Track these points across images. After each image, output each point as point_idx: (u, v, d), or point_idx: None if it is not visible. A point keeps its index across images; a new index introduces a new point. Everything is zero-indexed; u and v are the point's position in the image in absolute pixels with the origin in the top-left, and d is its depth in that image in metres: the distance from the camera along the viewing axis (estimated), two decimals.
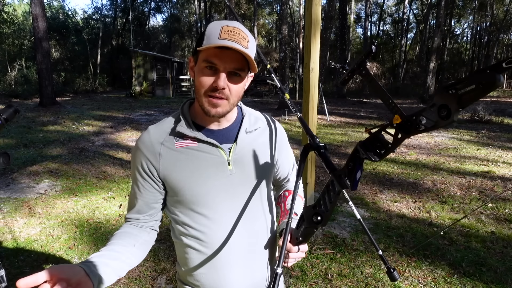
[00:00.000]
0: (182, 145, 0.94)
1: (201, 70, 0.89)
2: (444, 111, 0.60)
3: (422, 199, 4.47)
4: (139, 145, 0.96)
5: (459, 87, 0.58)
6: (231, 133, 1.00)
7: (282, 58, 16.02)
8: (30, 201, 4.30)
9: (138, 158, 0.96)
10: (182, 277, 1.06)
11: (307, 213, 0.89)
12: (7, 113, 1.61)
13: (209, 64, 0.87)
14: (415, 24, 36.79)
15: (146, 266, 2.91)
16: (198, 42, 0.90)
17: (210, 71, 0.88)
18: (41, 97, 13.28)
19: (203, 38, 0.87)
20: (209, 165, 0.95)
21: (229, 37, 0.85)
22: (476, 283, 2.65)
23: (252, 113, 1.09)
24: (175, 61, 22.97)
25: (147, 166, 0.95)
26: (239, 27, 0.88)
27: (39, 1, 12.36)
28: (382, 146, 0.74)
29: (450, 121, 0.60)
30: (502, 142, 8.00)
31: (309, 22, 3.34)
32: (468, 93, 0.57)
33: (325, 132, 9.76)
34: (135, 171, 0.97)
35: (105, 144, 7.72)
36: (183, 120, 0.95)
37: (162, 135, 0.96)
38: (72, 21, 30.86)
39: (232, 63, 0.87)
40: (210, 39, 0.85)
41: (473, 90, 0.56)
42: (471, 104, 0.58)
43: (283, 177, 1.20)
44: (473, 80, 0.56)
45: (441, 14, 17.11)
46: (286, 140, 1.17)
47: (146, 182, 0.97)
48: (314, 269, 2.85)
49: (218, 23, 0.88)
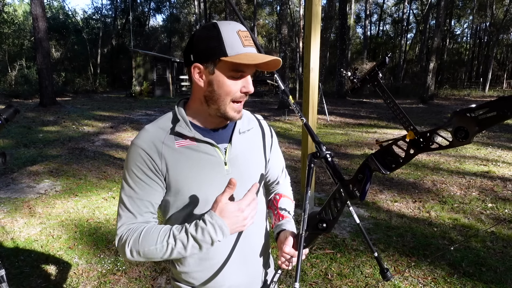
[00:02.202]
0: (182, 145, 0.94)
1: (229, 77, 0.89)
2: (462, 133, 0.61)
3: (422, 199, 4.47)
4: (139, 144, 0.93)
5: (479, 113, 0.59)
6: (226, 134, 1.01)
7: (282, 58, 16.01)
8: (30, 201, 4.30)
9: (139, 157, 0.92)
10: (176, 275, 1.06)
11: (312, 220, 0.89)
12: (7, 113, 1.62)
13: (239, 73, 0.89)
14: (415, 24, 36.79)
15: (146, 266, 2.91)
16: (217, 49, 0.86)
17: (237, 78, 0.89)
18: (41, 97, 13.29)
19: (223, 46, 0.85)
20: (207, 164, 0.96)
21: (249, 43, 0.88)
22: (476, 283, 2.65)
23: (245, 114, 1.09)
24: (175, 61, 22.97)
25: (152, 164, 0.92)
26: (245, 29, 0.90)
27: (39, 1, 12.37)
28: (393, 160, 0.74)
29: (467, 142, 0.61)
30: (502, 142, 8.00)
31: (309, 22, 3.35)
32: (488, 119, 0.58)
33: (325, 132, 9.76)
34: (136, 170, 0.93)
35: (105, 144, 7.72)
36: (182, 120, 0.95)
37: (162, 134, 0.94)
38: (72, 21, 30.86)
39: (254, 68, 0.91)
40: (236, 48, 0.85)
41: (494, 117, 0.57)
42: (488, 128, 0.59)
43: (273, 179, 1.19)
44: (496, 108, 0.56)
45: (441, 14, 17.11)
46: (277, 142, 1.18)
47: (151, 180, 0.94)
48: (314, 269, 2.85)
49: (231, 28, 0.87)
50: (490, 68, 25.57)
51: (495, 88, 26.66)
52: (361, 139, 8.71)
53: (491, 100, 0.56)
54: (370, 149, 7.37)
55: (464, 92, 24.03)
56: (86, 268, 2.89)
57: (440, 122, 11.20)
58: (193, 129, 0.95)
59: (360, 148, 7.59)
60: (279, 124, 10.94)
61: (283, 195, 1.17)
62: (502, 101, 0.55)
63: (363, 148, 7.60)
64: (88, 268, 2.89)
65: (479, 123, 0.58)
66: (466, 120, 0.60)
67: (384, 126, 10.71)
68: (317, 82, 3.46)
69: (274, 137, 1.17)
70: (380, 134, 9.45)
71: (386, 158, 0.74)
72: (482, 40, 33.76)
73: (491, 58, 26.34)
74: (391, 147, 0.74)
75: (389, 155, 0.74)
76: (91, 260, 3.01)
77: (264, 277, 1.13)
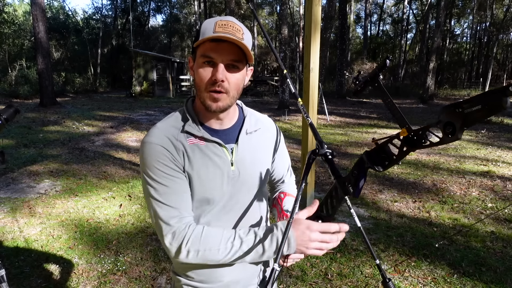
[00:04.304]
0: (193, 142, 0.94)
1: (199, 66, 0.89)
2: (449, 128, 0.62)
3: (422, 199, 4.47)
4: (155, 141, 0.91)
5: (465, 107, 0.59)
6: (232, 134, 1.01)
7: (282, 58, 16.03)
8: (31, 201, 4.30)
9: (159, 154, 0.90)
10: (177, 269, 1.07)
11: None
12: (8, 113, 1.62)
13: (206, 59, 0.88)
14: (414, 24, 36.80)
15: (146, 266, 2.92)
16: (195, 40, 0.91)
17: (208, 65, 0.88)
18: (41, 97, 13.30)
19: (199, 35, 0.89)
20: (216, 164, 0.96)
21: (223, 30, 0.85)
22: (476, 283, 2.66)
23: (253, 114, 1.10)
24: (175, 61, 22.99)
25: (172, 158, 0.91)
26: (233, 20, 0.89)
27: (39, 2, 12.38)
28: (387, 157, 0.75)
29: (454, 138, 0.61)
30: (502, 142, 8.00)
31: (309, 22, 3.35)
32: (474, 113, 0.58)
33: (325, 132, 9.76)
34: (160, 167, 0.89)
35: (105, 144, 7.72)
36: (190, 119, 0.95)
37: (174, 132, 0.94)
38: (72, 21, 30.88)
39: (229, 55, 0.88)
40: (205, 34, 0.86)
41: (479, 111, 0.57)
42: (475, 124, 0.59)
43: (277, 178, 1.20)
44: (480, 101, 0.57)
45: (441, 14, 17.11)
46: (283, 142, 1.19)
47: (177, 173, 0.91)
48: (314, 269, 2.85)
49: (212, 19, 0.89)
50: (490, 68, 25.55)
51: None
52: (361, 139, 8.71)
53: (477, 94, 0.57)
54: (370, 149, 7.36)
55: (464, 92, 24.01)
56: (86, 268, 2.89)
57: None
58: (202, 129, 0.95)
59: (360, 148, 7.59)
60: (279, 124, 10.94)
61: (288, 194, 1.18)
62: (486, 95, 0.56)
63: (363, 148, 7.60)
64: (88, 268, 2.89)
65: (465, 118, 0.59)
66: (454, 115, 0.61)
67: (384, 126, 10.71)
68: (317, 82, 3.46)
69: (282, 138, 1.17)
70: (380, 134, 9.44)
71: (380, 156, 0.76)
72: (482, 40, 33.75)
73: (491, 58, 26.33)
74: (386, 145, 0.75)
75: (383, 152, 0.75)
76: (91, 260, 3.02)
77: (263, 273, 1.14)
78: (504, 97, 0.54)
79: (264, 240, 0.85)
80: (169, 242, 0.88)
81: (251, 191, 1.04)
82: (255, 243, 0.85)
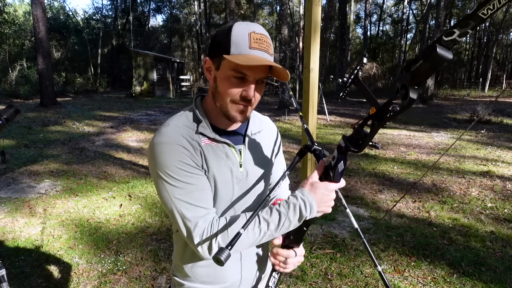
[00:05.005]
0: (206, 143, 0.94)
1: (227, 77, 0.86)
2: (403, 91, 0.65)
3: (421, 198, 4.47)
4: (171, 140, 0.88)
5: (411, 66, 0.63)
6: (239, 135, 1.02)
7: (282, 58, 16.03)
8: (31, 201, 4.31)
9: (178, 153, 0.87)
10: (178, 272, 1.07)
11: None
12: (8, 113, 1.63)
13: (239, 74, 0.85)
14: (414, 24, 36.78)
15: (146, 266, 2.92)
16: (222, 45, 0.85)
17: (238, 80, 0.86)
18: (41, 97, 13.30)
19: (229, 43, 0.83)
20: (227, 165, 0.96)
21: (259, 46, 0.84)
22: (476, 283, 2.66)
23: (256, 115, 1.10)
24: (175, 61, 23.00)
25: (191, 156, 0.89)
26: (265, 34, 0.87)
27: (39, 2, 12.38)
28: (361, 138, 0.81)
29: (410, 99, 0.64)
30: (502, 142, 8.00)
31: (309, 22, 3.35)
32: (419, 69, 0.61)
33: (325, 132, 9.77)
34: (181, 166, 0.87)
35: (106, 144, 7.73)
36: (203, 121, 0.94)
37: (190, 132, 0.92)
38: (72, 22, 30.86)
39: (262, 73, 0.87)
40: (239, 47, 0.83)
41: (422, 65, 0.61)
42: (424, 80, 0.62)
43: (274, 182, 1.20)
44: (421, 56, 0.61)
45: (440, 14, 17.11)
46: (281, 145, 1.20)
47: (198, 170, 0.90)
48: (314, 269, 2.86)
49: (245, 28, 0.85)
50: (489, 68, 25.56)
51: (494, 88, 26.62)
52: None
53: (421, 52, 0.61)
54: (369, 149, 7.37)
55: (463, 92, 24.01)
56: (87, 268, 2.89)
57: (440, 122, 11.21)
58: (213, 131, 0.95)
59: None
60: (279, 124, 10.95)
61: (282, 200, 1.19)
62: (425, 48, 0.60)
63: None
64: (89, 268, 2.89)
65: (412, 76, 0.62)
66: (404, 77, 0.64)
67: (384, 126, 10.69)
68: (317, 82, 3.46)
69: (279, 139, 1.18)
70: (380, 134, 9.44)
71: (357, 138, 0.82)
72: (482, 40, 33.76)
73: (491, 58, 26.34)
74: (361, 128, 0.81)
75: (359, 134, 0.81)
76: (92, 260, 3.02)
77: (266, 274, 1.15)
78: (439, 45, 0.57)
79: (288, 214, 0.86)
80: (199, 243, 0.87)
81: (256, 192, 1.04)
82: (281, 220, 0.86)
